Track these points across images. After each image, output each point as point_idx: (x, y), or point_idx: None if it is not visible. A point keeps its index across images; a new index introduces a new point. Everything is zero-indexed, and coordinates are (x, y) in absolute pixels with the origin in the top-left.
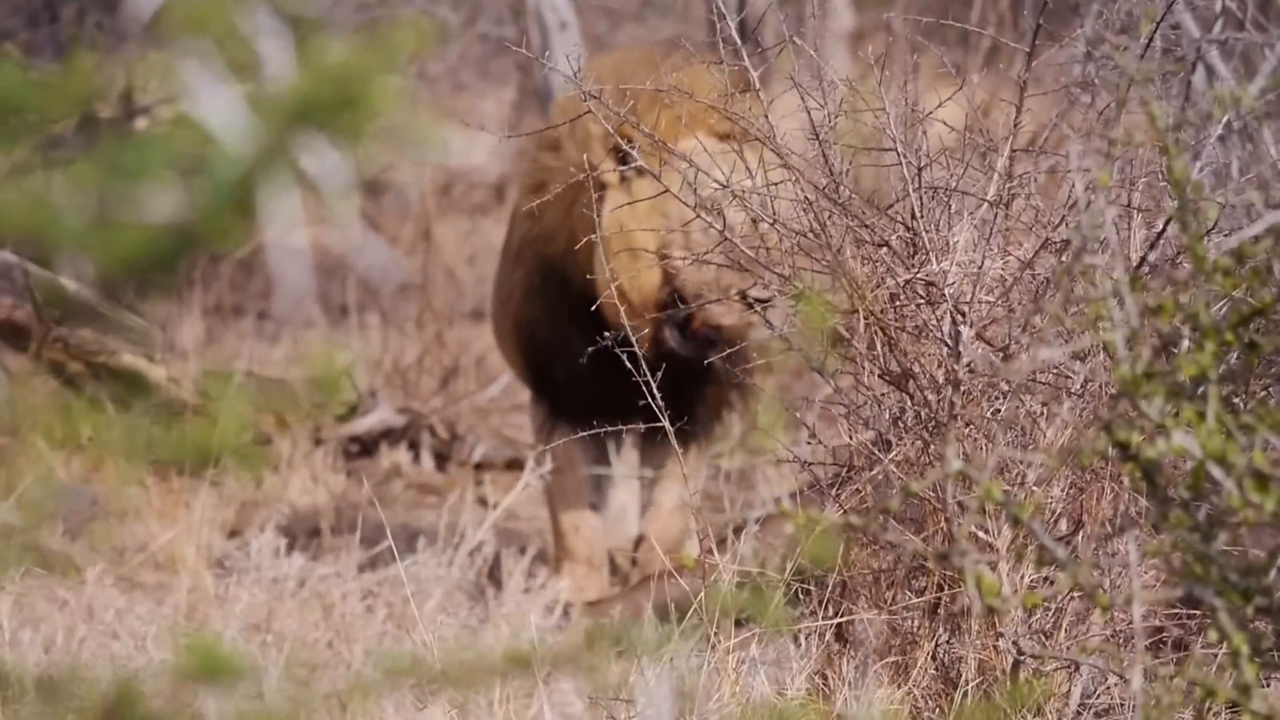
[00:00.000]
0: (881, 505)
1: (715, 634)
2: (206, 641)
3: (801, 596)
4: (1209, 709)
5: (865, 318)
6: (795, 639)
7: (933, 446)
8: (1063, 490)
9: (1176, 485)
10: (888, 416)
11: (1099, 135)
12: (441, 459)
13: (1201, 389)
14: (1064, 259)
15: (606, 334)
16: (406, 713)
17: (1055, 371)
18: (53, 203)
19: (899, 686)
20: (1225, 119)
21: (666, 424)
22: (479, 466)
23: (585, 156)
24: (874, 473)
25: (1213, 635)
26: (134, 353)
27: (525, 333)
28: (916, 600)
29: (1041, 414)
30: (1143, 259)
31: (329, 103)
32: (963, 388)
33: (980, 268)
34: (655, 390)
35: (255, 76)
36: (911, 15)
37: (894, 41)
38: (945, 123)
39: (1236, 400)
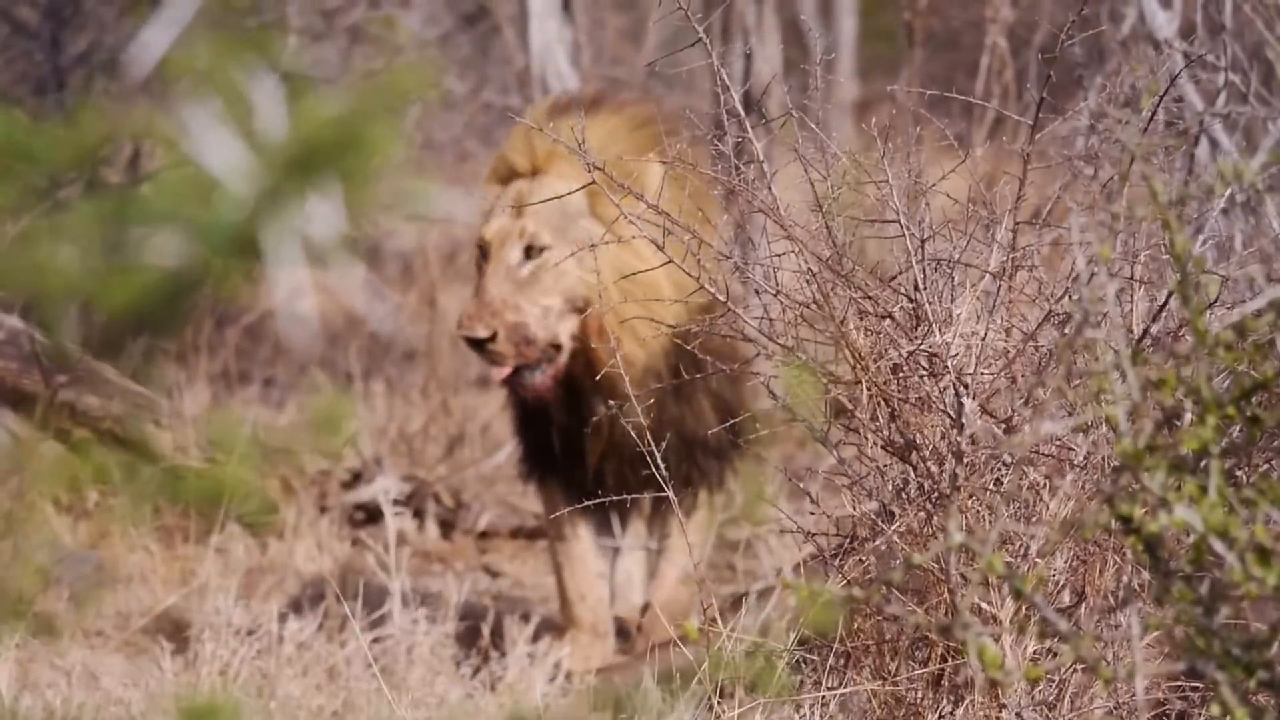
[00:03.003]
0: (884, 577)
1: (719, 703)
2: (205, 702)
3: (804, 666)
4: None
5: (868, 389)
6: (798, 709)
7: (935, 518)
8: (1065, 563)
9: (1179, 559)
10: (891, 487)
11: (1102, 208)
12: (446, 527)
13: (1204, 463)
14: (1066, 332)
15: (610, 402)
16: None
17: (1058, 444)
18: (57, 252)
19: None
20: (1228, 192)
21: (671, 494)
22: (484, 535)
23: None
24: (877, 543)
25: (1215, 709)
26: (140, 419)
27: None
28: (920, 671)
29: (1044, 487)
30: (1144, 332)
31: (327, 150)
32: (965, 459)
33: (983, 340)
34: (660, 463)
35: (252, 128)
36: (916, 87)
37: (898, 113)
38: (949, 194)
39: (1239, 474)
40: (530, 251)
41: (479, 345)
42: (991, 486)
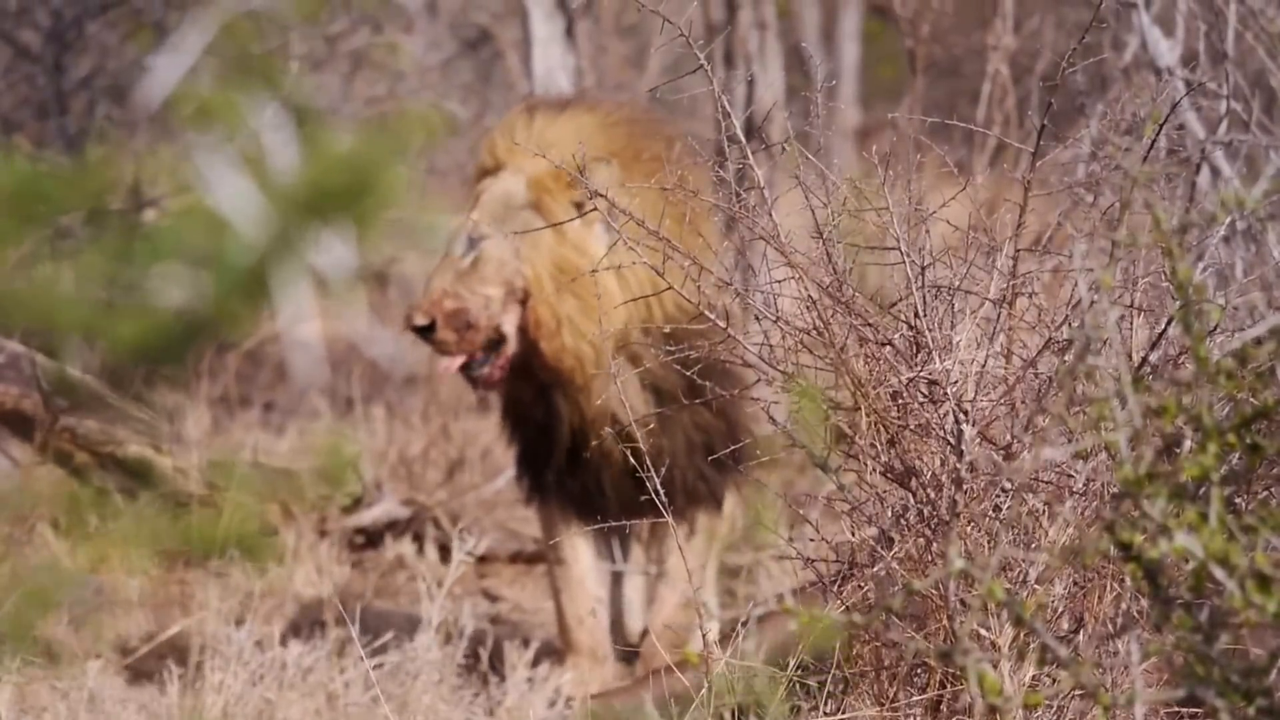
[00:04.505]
0: (884, 603)
1: None
2: None
3: (803, 692)
4: None
5: (868, 415)
6: None
7: (935, 544)
8: (1065, 589)
9: (1179, 585)
10: (890, 514)
11: (1103, 235)
12: (446, 551)
13: (1204, 490)
14: (1067, 358)
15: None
16: None
17: (1058, 471)
18: (62, 291)
19: None
20: (1229, 220)
21: (670, 520)
22: (483, 559)
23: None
24: (876, 569)
25: None
26: (141, 443)
27: (505, 403)
28: (919, 697)
29: (1044, 513)
30: (1145, 359)
31: (338, 193)
32: (965, 486)
33: (983, 367)
34: (659, 487)
35: (262, 169)
36: (917, 114)
37: (899, 140)
38: (949, 221)
39: (1239, 501)
40: (472, 242)
41: (424, 335)
42: (991, 513)
